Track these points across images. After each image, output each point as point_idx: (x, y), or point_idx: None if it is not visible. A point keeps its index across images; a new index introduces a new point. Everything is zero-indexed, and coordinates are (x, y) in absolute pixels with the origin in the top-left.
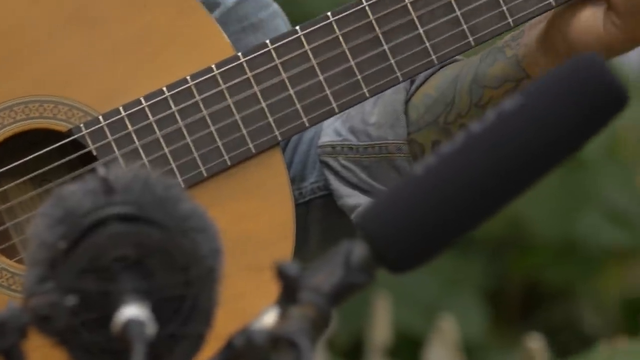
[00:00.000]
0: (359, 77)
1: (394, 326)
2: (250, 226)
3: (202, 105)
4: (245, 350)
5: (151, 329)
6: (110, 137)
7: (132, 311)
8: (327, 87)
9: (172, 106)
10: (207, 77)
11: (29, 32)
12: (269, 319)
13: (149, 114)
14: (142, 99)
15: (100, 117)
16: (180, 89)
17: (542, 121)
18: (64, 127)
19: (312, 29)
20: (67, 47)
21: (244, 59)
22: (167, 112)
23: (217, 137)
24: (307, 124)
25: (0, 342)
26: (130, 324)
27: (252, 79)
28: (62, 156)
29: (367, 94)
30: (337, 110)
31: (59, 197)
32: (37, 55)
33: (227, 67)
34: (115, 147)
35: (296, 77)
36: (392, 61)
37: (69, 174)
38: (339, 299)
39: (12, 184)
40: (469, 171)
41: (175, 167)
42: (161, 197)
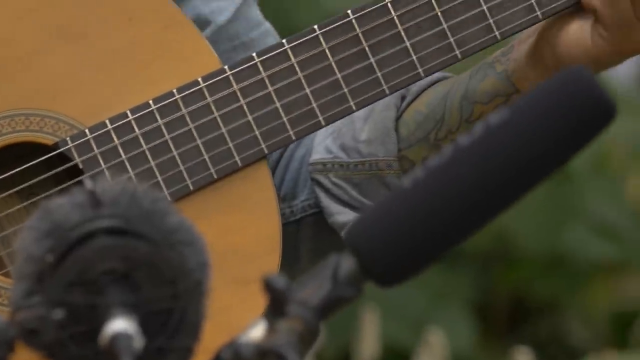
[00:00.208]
0: (346, 90)
1: (382, 340)
2: (236, 239)
3: (188, 118)
4: None
5: (139, 342)
6: (96, 150)
7: (119, 324)
8: (313, 100)
9: (159, 119)
10: (193, 90)
11: (15, 46)
12: (257, 332)
13: (135, 127)
14: (128, 112)
15: (86, 131)
16: (166, 102)
17: (529, 134)
18: (50, 140)
19: (298, 42)
20: (54, 61)
21: (230, 72)
22: (153, 126)
23: (203, 150)
24: (294, 137)
25: None
26: (117, 337)
27: (238, 92)
28: (48, 169)
29: (354, 107)
30: (323, 123)
31: (46, 211)
32: (23, 69)
33: (213, 80)
34: (101, 161)
35: (282, 90)
36: (378, 74)
37: (56, 187)
38: (326, 313)
39: None
40: (456, 184)
41: (161, 181)
42: (148, 210)
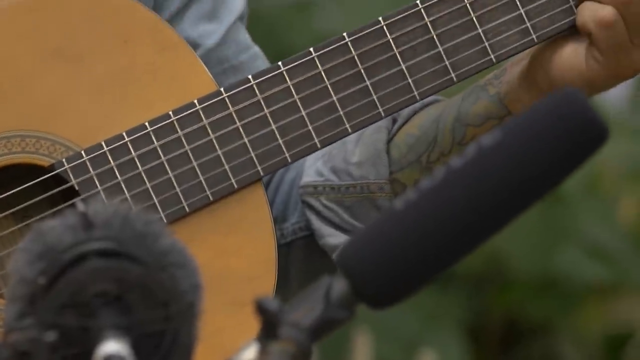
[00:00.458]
0: (341, 112)
1: None
2: (232, 261)
3: (184, 140)
4: None
5: None
6: (92, 172)
7: (112, 347)
8: (309, 123)
9: (155, 141)
10: (189, 112)
11: (11, 67)
12: (249, 354)
13: (131, 149)
14: (124, 134)
15: (82, 152)
16: (162, 124)
17: (522, 156)
18: (46, 161)
19: (294, 65)
20: (50, 83)
21: (226, 95)
22: (149, 147)
23: (199, 172)
24: (290, 160)
25: None
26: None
27: (234, 115)
28: (44, 191)
29: (350, 130)
30: (319, 145)
31: (39, 233)
32: (19, 90)
33: (209, 102)
34: (97, 182)
35: (278, 112)
36: (374, 97)
37: (51, 209)
38: (319, 335)
39: None
40: (448, 206)
41: (157, 203)
42: (141, 232)
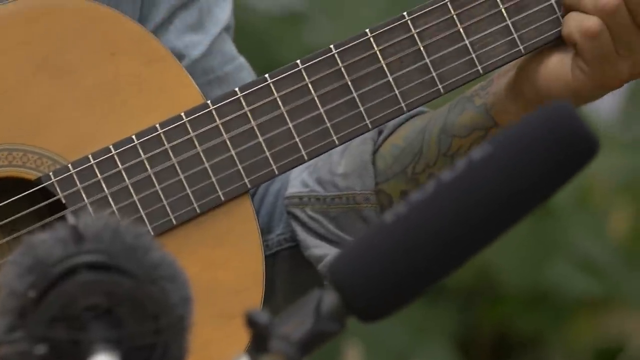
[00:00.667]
0: (328, 124)
1: None
2: (219, 274)
3: (171, 153)
4: None
5: None
6: (79, 185)
7: None
8: (296, 135)
9: (141, 154)
10: (176, 125)
11: None
12: None
13: (118, 162)
14: (111, 147)
15: (69, 166)
16: (149, 136)
17: (512, 169)
18: (33, 175)
19: (281, 77)
20: (36, 96)
21: (213, 107)
22: (136, 160)
23: (186, 185)
24: (277, 172)
25: None
26: None
27: (221, 127)
28: (31, 204)
29: (337, 142)
30: (306, 158)
31: (29, 246)
32: (5, 103)
33: (196, 114)
34: (84, 195)
35: (265, 124)
36: (361, 109)
37: (38, 222)
38: (309, 348)
39: None
40: (439, 219)
41: (144, 215)
42: (131, 245)
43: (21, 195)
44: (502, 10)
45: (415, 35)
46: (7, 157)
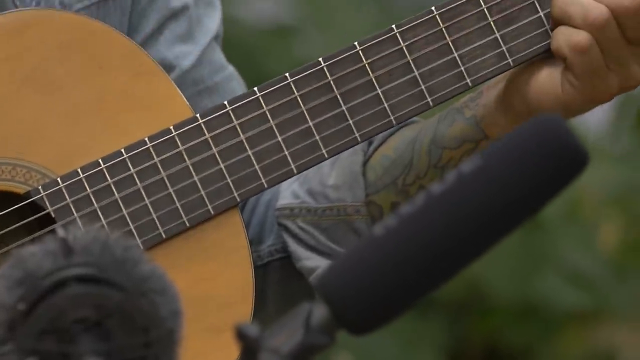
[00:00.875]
0: (317, 137)
1: None
2: (209, 287)
3: (160, 166)
4: None
5: None
6: (68, 199)
7: None
8: (285, 148)
9: (131, 168)
10: (165, 138)
11: None
12: None
13: (107, 176)
14: (100, 161)
15: (58, 179)
16: (138, 150)
17: (502, 182)
18: (22, 189)
19: (270, 90)
20: (24, 110)
21: (202, 120)
22: (125, 174)
23: (175, 198)
24: (266, 185)
25: None
26: None
27: (210, 140)
28: (20, 218)
29: (326, 155)
30: (295, 171)
31: (19, 259)
32: None
33: (185, 128)
34: (73, 209)
35: (254, 138)
36: (350, 122)
37: (27, 236)
38: None
39: None
40: (428, 232)
41: (133, 229)
42: (121, 258)
43: (10, 209)
44: (491, 22)
45: (404, 48)
46: None
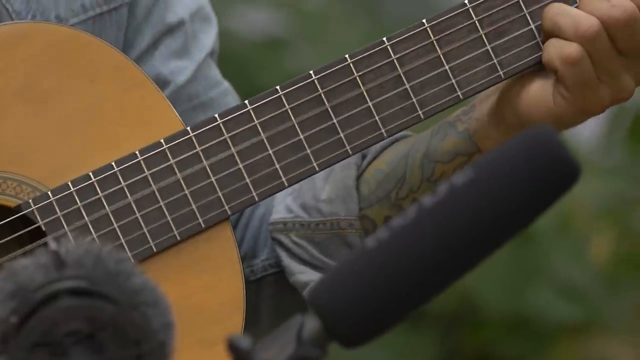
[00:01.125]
0: (308, 151)
1: None
2: (200, 300)
3: (151, 180)
4: None
5: None
6: (59, 213)
7: None
8: (276, 161)
9: (121, 181)
10: (156, 151)
11: None
12: None
13: (98, 189)
14: (90, 174)
15: (49, 193)
16: (129, 163)
17: (494, 195)
18: (12, 202)
19: (261, 103)
20: (15, 123)
21: (193, 134)
22: (116, 187)
23: (166, 212)
24: (257, 199)
25: None
26: None
27: (201, 154)
28: (11, 232)
29: (317, 168)
30: (286, 184)
31: (11, 272)
32: None
33: (176, 141)
34: (64, 223)
35: (245, 151)
36: (341, 135)
37: (18, 249)
38: None
39: None
40: (420, 245)
41: (124, 243)
42: (113, 271)
43: (1, 223)
44: (482, 35)
45: (395, 60)
46: None
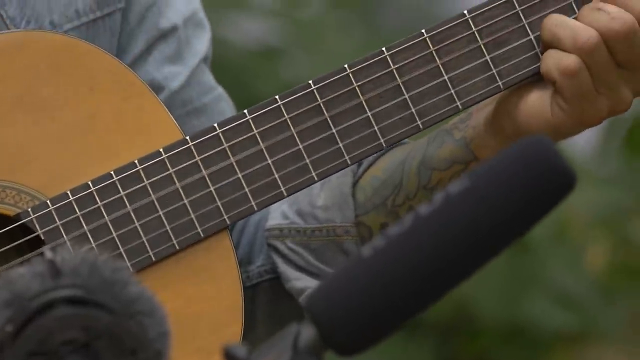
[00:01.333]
0: (307, 161)
1: None
2: (199, 310)
3: (150, 189)
4: None
5: None
6: (58, 222)
7: None
8: (275, 171)
9: (120, 190)
10: (155, 160)
11: None
12: None
13: (97, 198)
14: (90, 183)
15: (48, 202)
16: (128, 173)
17: (490, 204)
18: (11, 211)
19: (260, 112)
20: (14, 132)
21: (192, 143)
22: (115, 197)
23: (165, 221)
24: (256, 208)
25: None
26: None
27: (200, 163)
28: (10, 241)
29: (316, 178)
30: (285, 194)
31: (7, 280)
32: None
33: (175, 150)
34: (63, 232)
35: (244, 160)
36: (340, 145)
37: (17, 258)
38: None
39: None
40: (416, 253)
41: (123, 252)
42: (109, 280)
43: (0, 231)
44: (482, 45)
45: (394, 70)
46: None
